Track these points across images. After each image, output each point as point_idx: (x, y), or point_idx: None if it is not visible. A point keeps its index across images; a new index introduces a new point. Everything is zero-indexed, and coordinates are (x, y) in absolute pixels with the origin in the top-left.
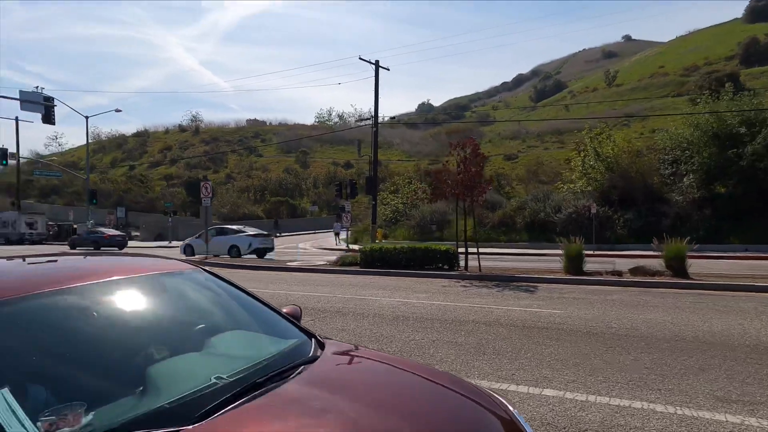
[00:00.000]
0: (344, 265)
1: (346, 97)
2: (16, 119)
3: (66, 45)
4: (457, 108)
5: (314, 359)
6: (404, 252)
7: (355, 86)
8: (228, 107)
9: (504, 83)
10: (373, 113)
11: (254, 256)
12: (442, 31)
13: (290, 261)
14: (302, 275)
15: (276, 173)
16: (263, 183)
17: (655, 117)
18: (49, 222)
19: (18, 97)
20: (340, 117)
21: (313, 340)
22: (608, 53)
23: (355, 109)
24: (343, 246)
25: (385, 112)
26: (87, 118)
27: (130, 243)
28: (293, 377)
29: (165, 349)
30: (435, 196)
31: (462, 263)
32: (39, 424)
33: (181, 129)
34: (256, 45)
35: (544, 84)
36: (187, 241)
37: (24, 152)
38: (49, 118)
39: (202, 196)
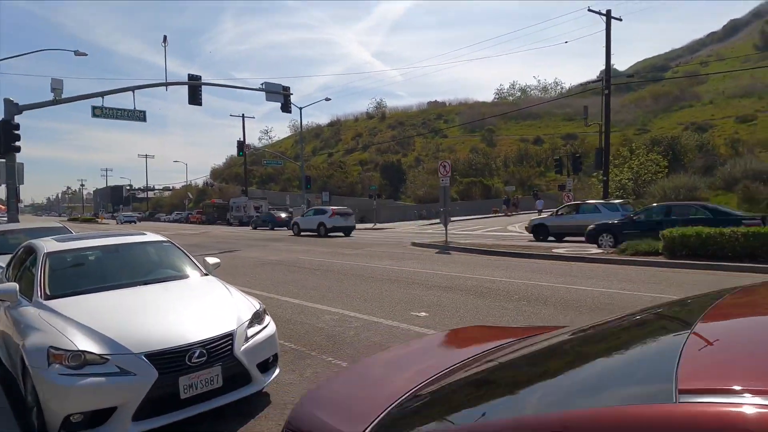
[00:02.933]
0: (636, 254)
1: (521, 71)
2: (243, 116)
3: (265, 52)
4: (653, 69)
5: None
6: (738, 239)
7: (530, 58)
8: (396, 95)
9: (711, 34)
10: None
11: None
12: None
13: (555, 248)
14: (590, 266)
15: (463, 153)
16: (452, 164)
17: None
18: (270, 206)
19: (264, 88)
20: (523, 91)
21: None
22: None
23: (539, 81)
24: None
25: (565, 83)
26: (301, 109)
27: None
28: None
29: None
30: None
31: None
32: None
33: (369, 116)
34: (424, 30)
35: None
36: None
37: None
38: (287, 107)
39: (440, 176)
